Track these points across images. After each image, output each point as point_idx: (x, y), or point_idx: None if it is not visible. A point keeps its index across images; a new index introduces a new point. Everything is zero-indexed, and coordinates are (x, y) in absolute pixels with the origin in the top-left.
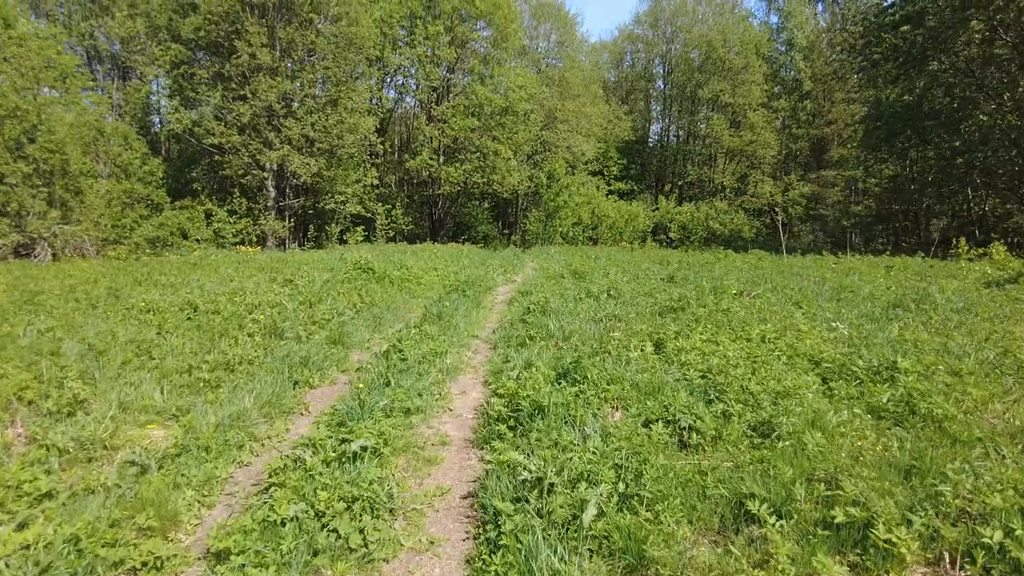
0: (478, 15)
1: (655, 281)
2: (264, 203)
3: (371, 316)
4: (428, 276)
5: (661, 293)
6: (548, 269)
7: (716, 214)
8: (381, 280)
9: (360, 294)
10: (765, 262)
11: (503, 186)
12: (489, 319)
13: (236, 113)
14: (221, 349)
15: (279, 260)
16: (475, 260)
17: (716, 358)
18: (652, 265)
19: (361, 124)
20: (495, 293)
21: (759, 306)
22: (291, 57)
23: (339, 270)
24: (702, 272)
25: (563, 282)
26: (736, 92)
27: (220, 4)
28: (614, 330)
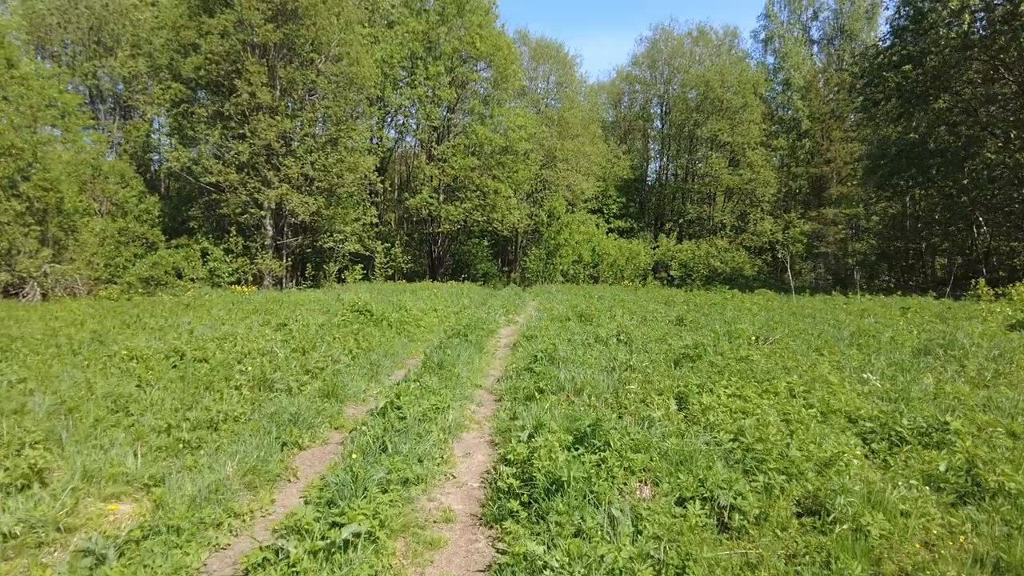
0: (479, 56)
1: (664, 324)
2: (261, 242)
3: (368, 363)
4: (428, 318)
5: (674, 338)
6: (552, 310)
7: (717, 252)
8: (379, 323)
9: (357, 339)
10: (774, 303)
11: (503, 224)
12: (492, 365)
13: (235, 152)
14: (205, 404)
15: (274, 301)
16: (476, 300)
17: (748, 419)
18: (658, 306)
19: (361, 163)
20: (497, 336)
21: (779, 353)
22: (291, 96)
23: (335, 312)
24: (712, 314)
25: (568, 325)
26: (735, 131)
27: (221, 44)
28: (629, 382)
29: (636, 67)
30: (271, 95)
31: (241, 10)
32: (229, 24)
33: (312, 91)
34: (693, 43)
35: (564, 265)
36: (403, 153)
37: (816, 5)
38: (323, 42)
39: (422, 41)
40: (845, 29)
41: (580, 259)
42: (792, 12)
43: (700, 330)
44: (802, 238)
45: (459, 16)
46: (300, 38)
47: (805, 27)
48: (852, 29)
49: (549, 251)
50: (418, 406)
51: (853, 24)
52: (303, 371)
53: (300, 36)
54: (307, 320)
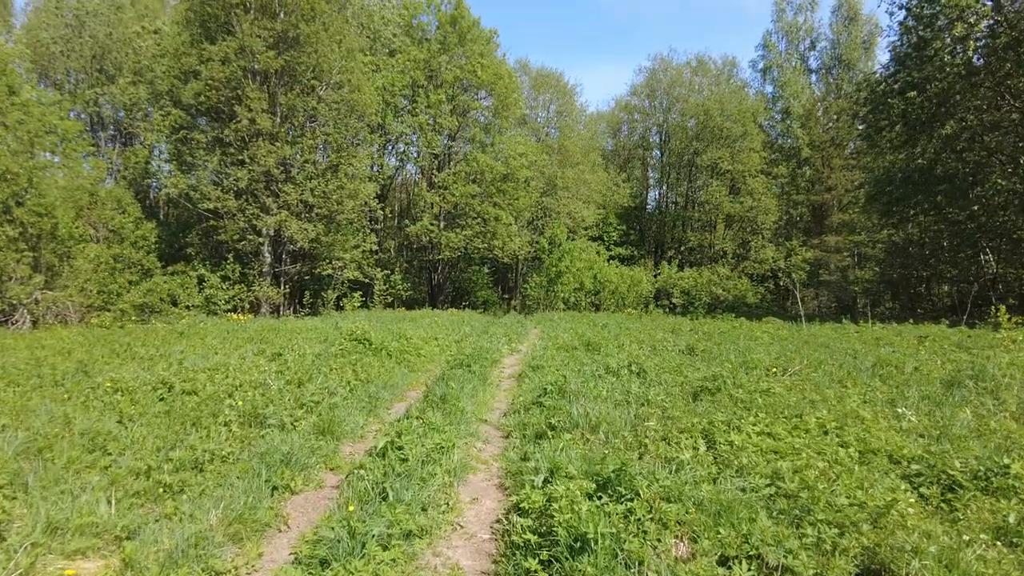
0: (480, 85)
1: (675, 354)
2: (259, 269)
3: (367, 396)
4: (428, 347)
5: (688, 369)
6: (557, 339)
7: (719, 280)
8: (378, 352)
9: (355, 369)
10: (783, 332)
11: (504, 251)
12: (498, 397)
13: (234, 178)
14: (190, 443)
15: (271, 329)
16: (477, 328)
17: (784, 460)
18: (665, 334)
19: (361, 190)
20: (501, 366)
21: (801, 386)
22: (291, 123)
23: (333, 341)
24: (722, 343)
25: (576, 354)
26: (735, 159)
27: (222, 70)
28: (648, 418)
29: (635, 96)
30: (271, 121)
31: (243, 37)
32: (230, 51)
33: (313, 118)
34: (692, 73)
35: (565, 292)
36: (404, 181)
37: (813, 35)
38: (324, 69)
39: (423, 69)
40: (843, 59)
41: (582, 286)
42: (790, 42)
43: (713, 360)
44: (804, 266)
45: (460, 45)
46: (301, 65)
47: (803, 57)
48: (850, 59)
49: (550, 278)
50: (421, 446)
51: (851, 54)
52: (297, 405)
53: (301, 63)
54: (303, 350)
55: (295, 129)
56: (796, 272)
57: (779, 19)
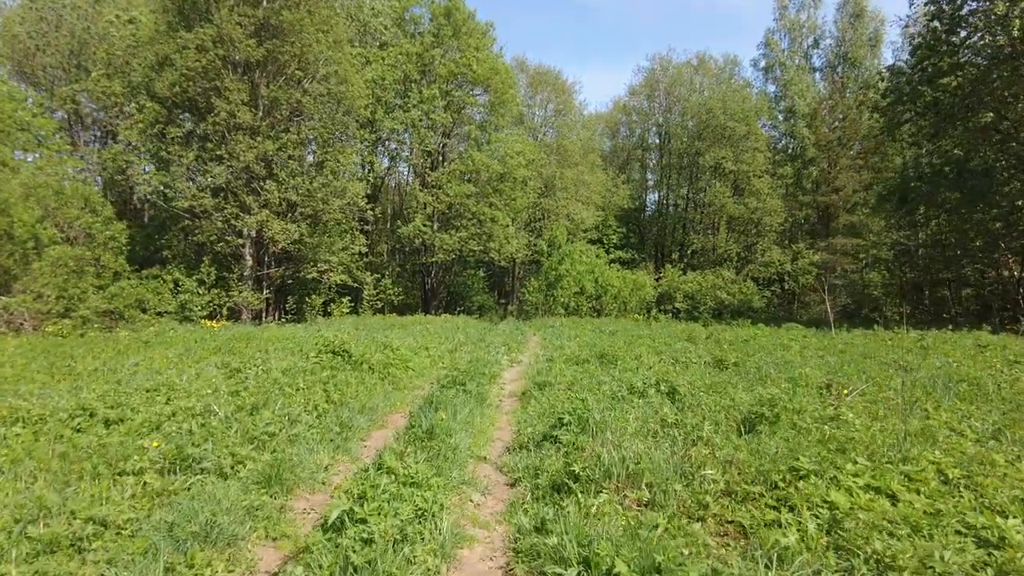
0: (475, 80)
1: (701, 367)
2: (240, 272)
3: (337, 423)
4: (418, 359)
5: (728, 388)
6: (562, 349)
7: (723, 284)
8: (358, 366)
9: (327, 388)
10: (811, 339)
11: (500, 254)
12: (499, 423)
13: (211, 175)
14: (73, 508)
15: (244, 338)
16: (472, 336)
17: (932, 541)
18: (682, 343)
19: (349, 188)
20: (501, 381)
21: (875, 410)
22: (274, 116)
23: (308, 353)
24: (753, 354)
25: (588, 368)
26: (739, 159)
27: (198, 60)
28: (702, 462)
29: (634, 97)
30: (252, 115)
31: (221, 24)
32: (208, 38)
33: (297, 112)
34: (693, 72)
35: (565, 297)
36: (397, 183)
37: (817, 33)
38: (309, 60)
39: (416, 63)
40: (848, 56)
41: (582, 290)
42: (793, 40)
43: (749, 375)
44: (811, 269)
45: (455, 38)
46: (284, 55)
47: (806, 55)
48: (855, 56)
49: (549, 282)
50: (393, 516)
51: (856, 51)
52: (245, 439)
53: (284, 53)
54: (269, 364)
55: (278, 123)
56: (802, 275)
57: (781, 16)
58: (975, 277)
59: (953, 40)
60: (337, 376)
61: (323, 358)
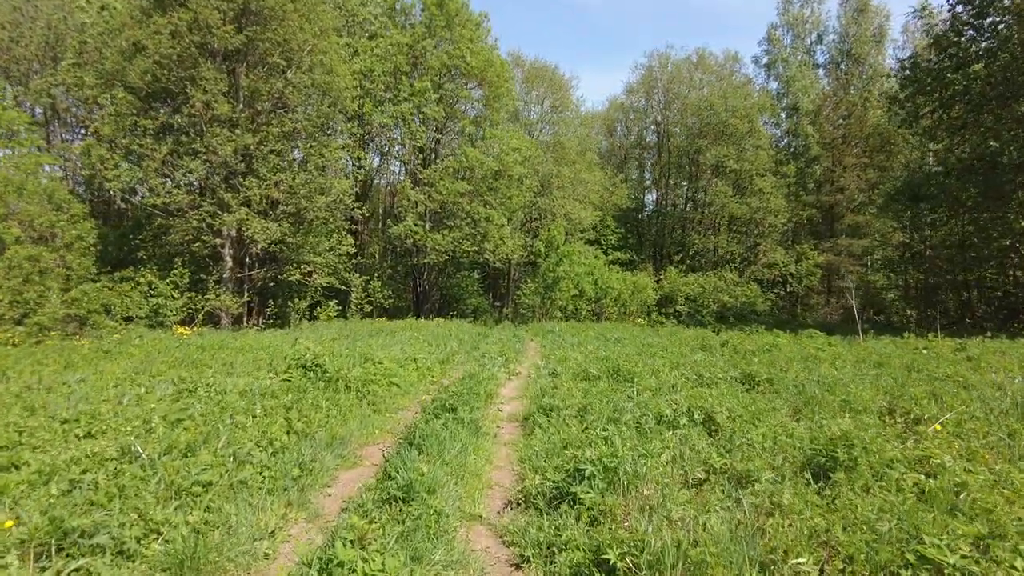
0: (469, 72)
1: (728, 384)
2: (219, 274)
3: (296, 464)
4: (405, 372)
5: (776, 415)
6: (567, 360)
7: (725, 286)
8: (333, 384)
9: (290, 416)
10: (839, 348)
11: (495, 255)
12: (496, 460)
13: (186, 170)
14: None
15: (215, 347)
16: (466, 342)
17: None
18: (697, 353)
19: (335, 185)
20: (498, 399)
21: (971, 449)
22: (254, 108)
23: (278, 367)
24: (786, 368)
25: (599, 386)
26: (741, 157)
27: (171, 46)
28: (787, 547)
29: (631, 95)
30: (231, 106)
31: (198, 9)
32: (183, 24)
33: (280, 104)
34: (693, 68)
35: (563, 300)
36: (388, 181)
37: (820, 29)
38: (293, 49)
39: (407, 55)
40: (852, 52)
41: (582, 293)
42: (796, 36)
43: (789, 395)
44: (815, 270)
45: (448, 29)
46: (265, 42)
47: (810, 51)
48: (859, 52)
49: (547, 284)
50: None
51: (860, 47)
52: (168, 493)
53: (265, 40)
54: (227, 384)
55: (259, 116)
56: (806, 277)
57: (784, 12)
58: (998, 279)
59: (982, 24)
60: (305, 398)
61: (292, 374)
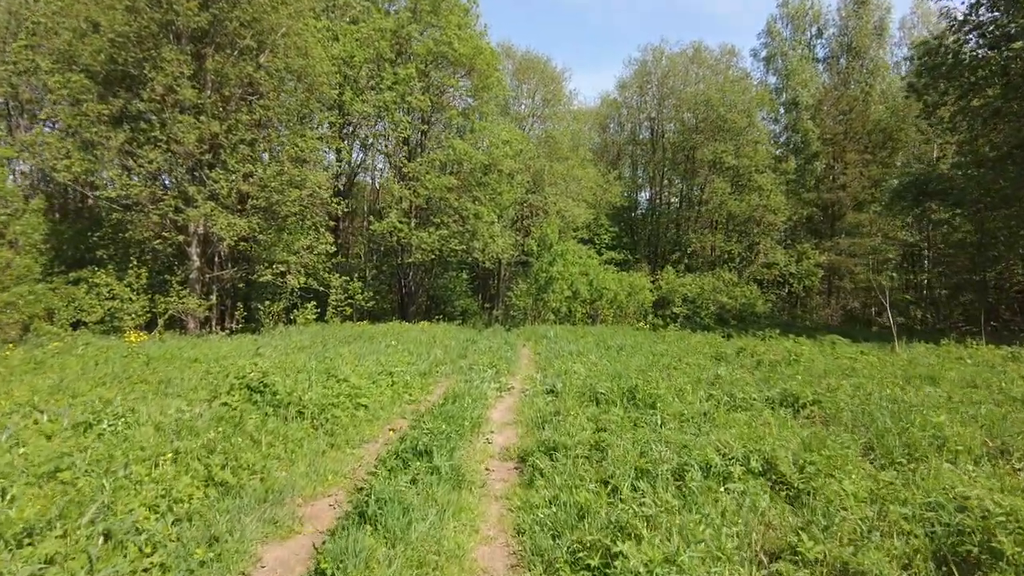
0: (456, 60)
1: (764, 405)
2: (185, 275)
3: (206, 537)
4: (377, 390)
5: (854, 459)
6: (569, 374)
7: (724, 286)
8: (283, 408)
9: (213, 461)
10: (871, 357)
11: (485, 254)
12: (485, 528)
13: (145, 160)
14: None
15: (165, 358)
16: (453, 350)
17: None
18: (707, 360)
19: (310, 178)
20: (487, 426)
21: None
22: (221, 94)
23: (220, 389)
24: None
25: (614, 412)
26: (740, 153)
27: (128, 23)
28: None
29: (624, 90)
30: (195, 91)
31: None
32: None
33: (252, 90)
34: (688, 62)
35: (557, 302)
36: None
37: (821, 22)
38: (265, 30)
39: (390, 41)
40: (853, 46)
41: (576, 294)
42: (796, 29)
43: (854, 425)
44: (816, 270)
45: (434, 14)
46: (233, 21)
47: (809, 45)
48: (860, 46)
49: (540, 285)
50: None
51: (861, 40)
52: None
53: (233, 19)
54: (140, 414)
55: (228, 102)
56: (807, 278)
57: (784, 3)
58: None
59: None
60: (239, 433)
61: (234, 398)
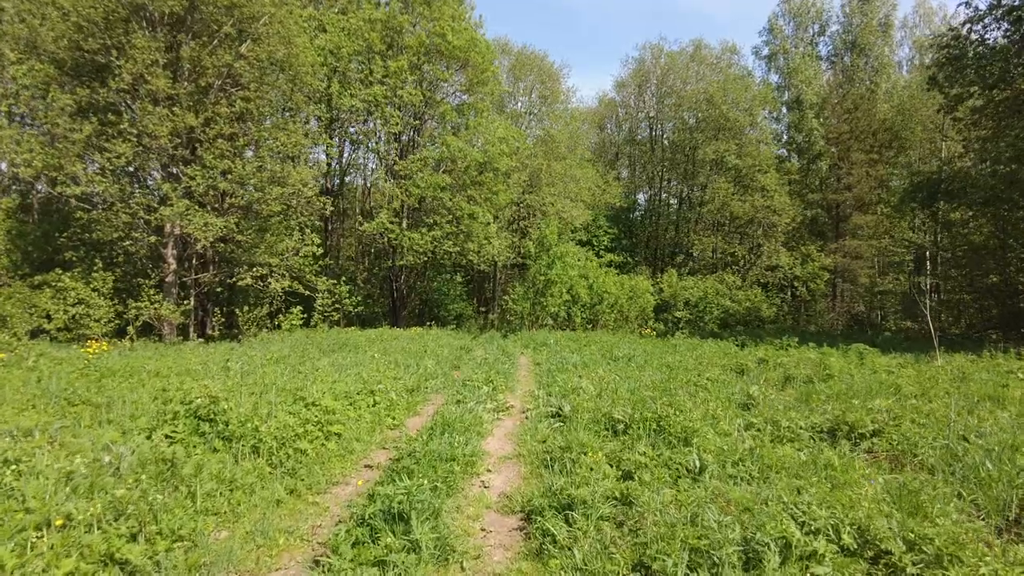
0: (450, 53)
1: (823, 439)
2: (160, 277)
3: None
4: (354, 414)
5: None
6: (575, 393)
7: (727, 290)
8: (236, 443)
9: (117, 530)
10: (910, 370)
11: (480, 256)
12: None
13: (113, 154)
14: None
15: (123, 372)
16: (445, 360)
17: None
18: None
19: (293, 174)
20: (483, 463)
21: None
22: (198, 84)
23: (166, 416)
24: (895, 414)
25: (638, 449)
26: (743, 152)
27: (94, 5)
28: None
29: (622, 89)
30: (168, 81)
31: None
32: None
33: (233, 81)
34: (688, 60)
35: (555, 306)
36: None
37: (823, 19)
38: (246, 17)
39: (380, 32)
40: (857, 43)
41: (575, 299)
42: (798, 26)
43: (948, 472)
44: (822, 273)
45: (427, 5)
46: (210, 5)
47: (812, 42)
48: (864, 43)
49: (537, 289)
50: None
51: (866, 38)
52: None
53: (209, 4)
54: (45, 458)
55: (209, 94)
56: (813, 281)
57: (786, 0)
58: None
59: None
60: (176, 474)
61: (179, 428)
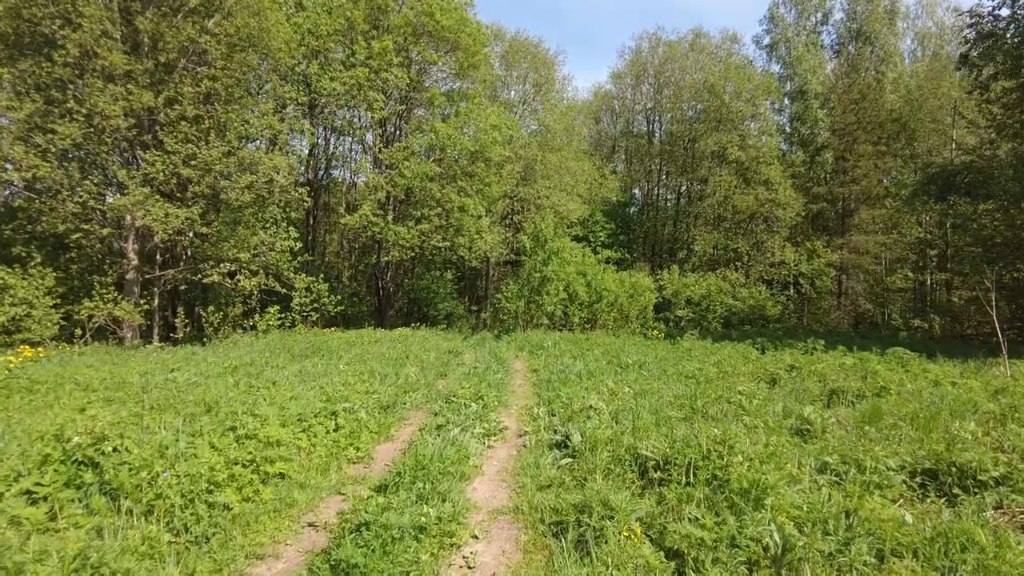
0: (439, 34)
1: (907, 480)
2: (119, 275)
3: None
4: (306, 444)
5: None
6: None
7: (731, 287)
8: (125, 499)
9: None
10: (972, 382)
11: (471, 251)
12: None
13: (59, 135)
14: None
15: (40, 387)
16: (430, 367)
17: None
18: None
19: (264, 161)
20: (469, 515)
21: None
22: (158, 61)
23: (32, 462)
24: (967, 435)
25: (687, 514)
26: (745, 144)
27: None
28: None
29: (618, 81)
30: (122, 56)
31: None
32: None
33: (198, 59)
34: (688, 50)
35: (551, 305)
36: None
37: (826, 7)
38: None
39: (364, 11)
40: (862, 32)
41: (573, 297)
42: (800, 14)
43: None
44: (828, 270)
45: None
46: None
47: (815, 31)
48: (870, 32)
49: (532, 287)
50: None
51: (871, 26)
52: None
53: None
54: None
55: (173, 72)
56: (819, 278)
57: None
58: None
59: None
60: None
61: (47, 479)
